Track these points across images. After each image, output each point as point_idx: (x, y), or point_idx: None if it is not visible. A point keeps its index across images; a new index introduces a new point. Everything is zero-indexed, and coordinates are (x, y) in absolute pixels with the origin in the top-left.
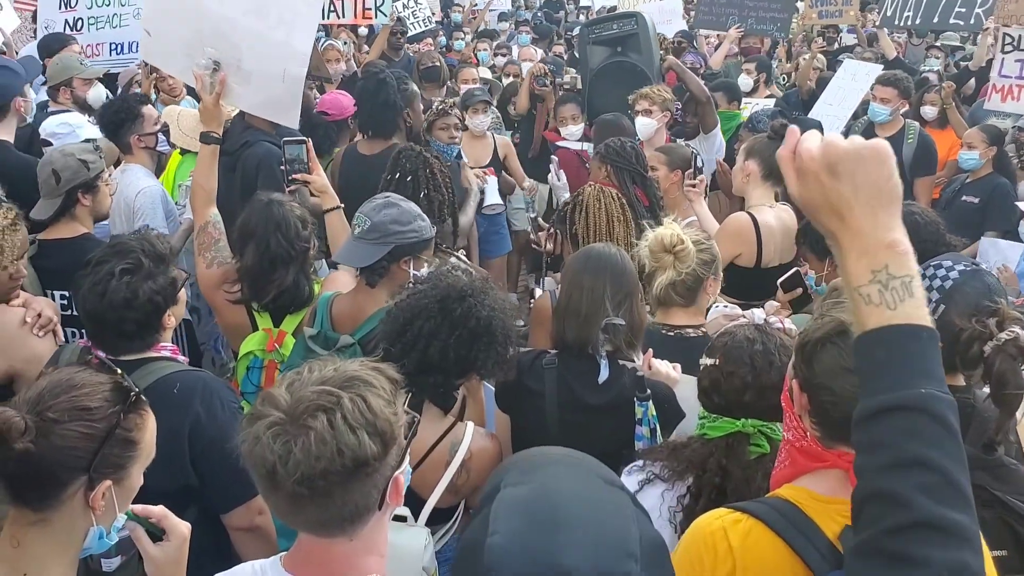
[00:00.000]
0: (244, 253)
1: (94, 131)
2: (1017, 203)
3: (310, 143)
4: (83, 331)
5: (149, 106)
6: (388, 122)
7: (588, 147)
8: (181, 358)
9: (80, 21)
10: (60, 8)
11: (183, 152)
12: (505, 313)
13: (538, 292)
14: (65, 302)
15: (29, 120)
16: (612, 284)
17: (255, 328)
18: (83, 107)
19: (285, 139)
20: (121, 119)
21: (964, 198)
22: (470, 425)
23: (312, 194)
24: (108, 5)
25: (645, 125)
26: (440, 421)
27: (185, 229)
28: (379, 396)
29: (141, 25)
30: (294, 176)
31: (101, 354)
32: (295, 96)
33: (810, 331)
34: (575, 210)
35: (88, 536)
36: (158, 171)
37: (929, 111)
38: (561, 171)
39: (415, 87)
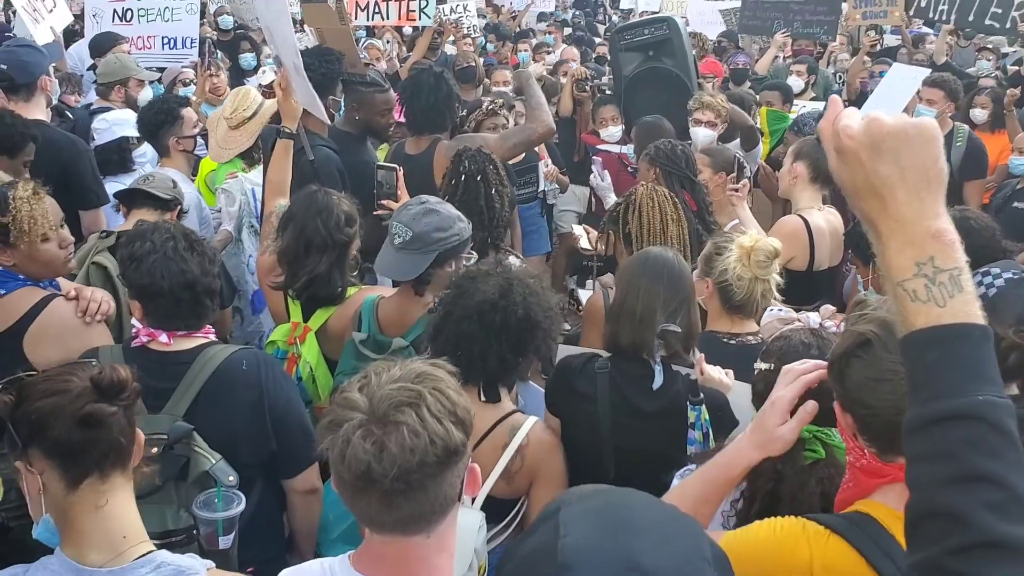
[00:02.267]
0: (284, 236)
1: (132, 129)
2: None
3: (401, 172)
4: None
5: (189, 108)
6: (443, 116)
7: (627, 150)
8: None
9: (129, 11)
10: None
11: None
12: (537, 294)
13: (583, 295)
14: None
15: (54, 100)
16: (669, 289)
17: (289, 317)
18: (133, 107)
19: (378, 164)
20: (161, 120)
21: (1015, 204)
22: (532, 417)
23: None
24: None
25: (704, 136)
26: (498, 407)
27: (222, 239)
28: (451, 387)
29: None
30: (381, 201)
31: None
32: (308, 88)
33: (835, 349)
34: (628, 210)
35: None
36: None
37: (979, 114)
38: (605, 171)
39: (456, 87)
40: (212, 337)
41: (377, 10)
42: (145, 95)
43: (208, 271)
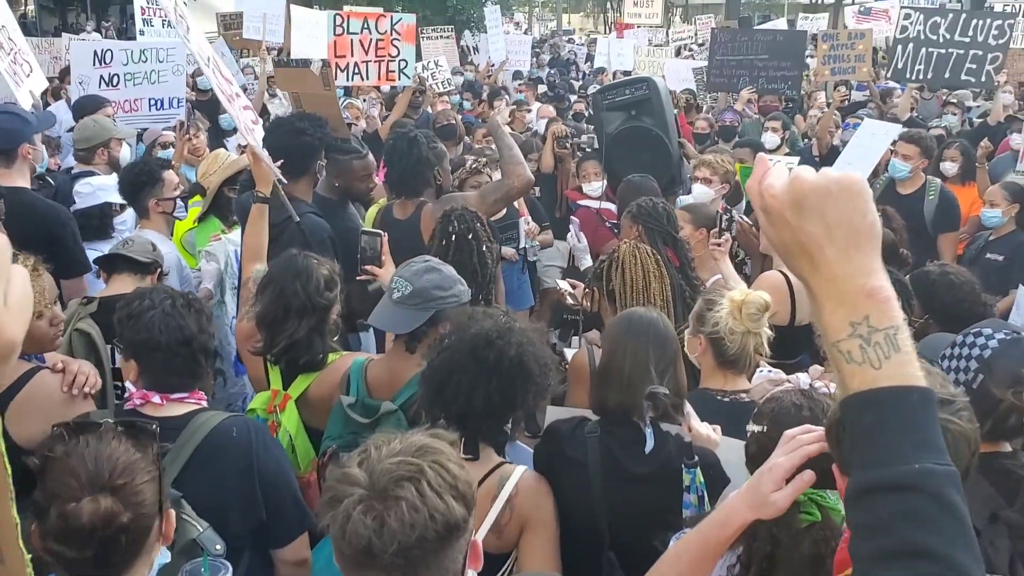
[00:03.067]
0: (262, 300)
1: (116, 195)
2: None
3: (385, 237)
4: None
5: (170, 171)
6: (421, 179)
7: (608, 205)
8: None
9: (116, 77)
10: (95, 64)
11: (200, 219)
12: (535, 345)
13: (568, 352)
14: None
15: (42, 168)
16: (656, 349)
17: (269, 384)
18: (116, 167)
19: (362, 229)
20: (142, 182)
21: (988, 256)
22: (520, 467)
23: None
24: (145, 61)
25: (703, 192)
26: (488, 459)
27: (202, 297)
28: (452, 460)
29: None
30: (364, 267)
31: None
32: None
33: (832, 412)
34: (611, 267)
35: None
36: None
37: (949, 167)
38: (581, 233)
39: (443, 146)
40: (204, 403)
41: (357, 71)
42: (124, 154)
43: (204, 329)
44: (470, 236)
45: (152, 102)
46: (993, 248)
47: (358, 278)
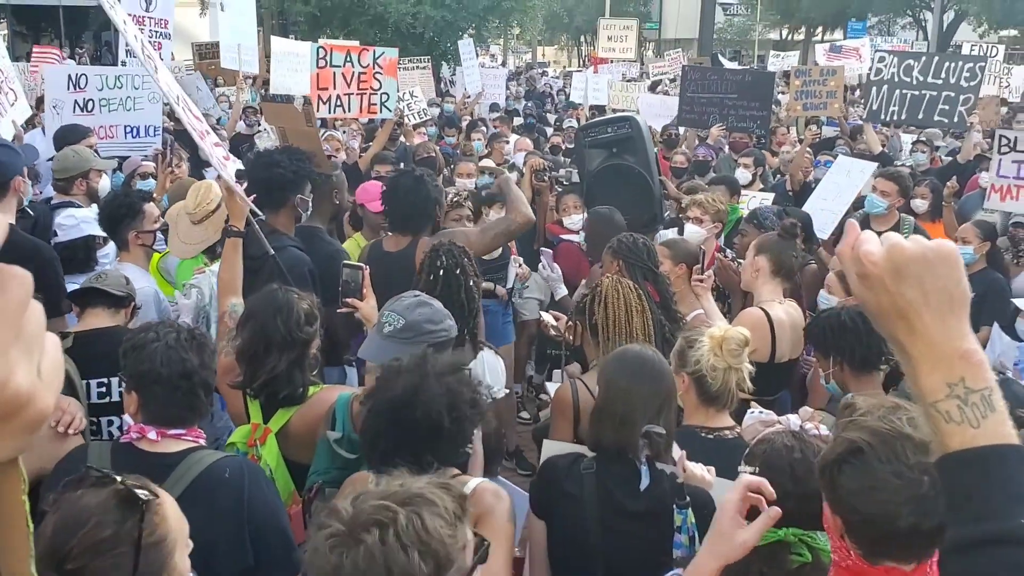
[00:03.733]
0: (243, 334)
1: (99, 228)
2: (1013, 300)
3: (367, 270)
4: (120, 418)
5: (151, 204)
6: (427, 217)
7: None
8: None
9: (91, 102)
10: (69, 88)
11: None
12: (453, 398)
13: (550, 387)
14: (103, 389)
15: (26, 201)
16: (651, 387)
17: (249, 418)
18: (95, 198)
19: (344, 263)
20: (122, 214)
21: None
22: (475, 480)
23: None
24: (120, 88)
25: (694, 233)
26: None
27: None
28: (439, 516)
29: None
30: (345, 300)
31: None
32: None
33: (827, 453)
34: (593, 301)
35: None
36: None
37: (920, 204)
38: (555, 264)
39: (439, 183)
40: (201, 442)
41: (339, 103)
42: (104, 185)
43: (206, 364)
44: (458, 271)
45: (128, 129)
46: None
47: (338, 310)
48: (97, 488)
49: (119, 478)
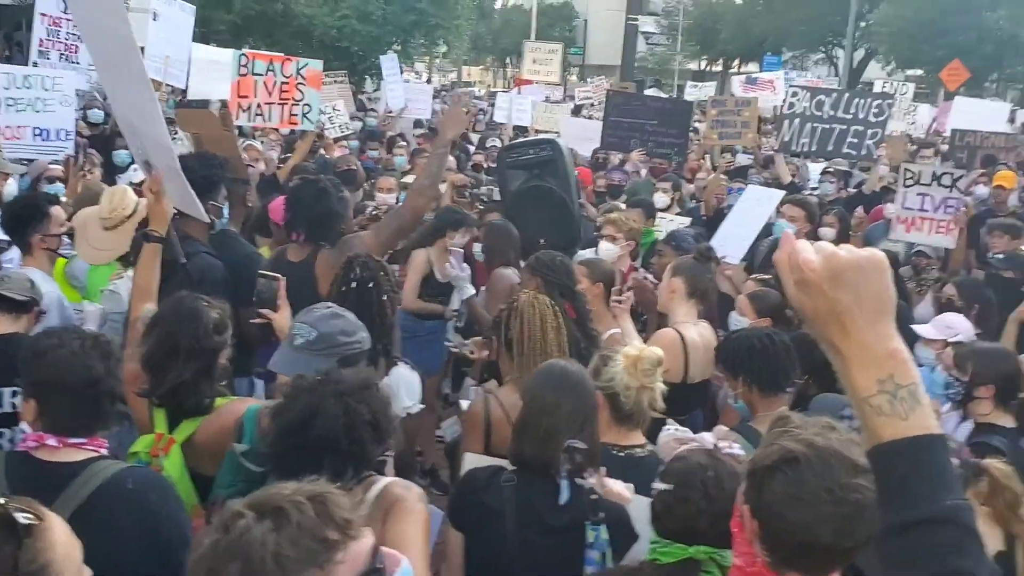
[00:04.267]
0: (148, 341)
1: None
2: (913, 327)
3: (283, 281)
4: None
5: (58, 207)
6: (329, 230)
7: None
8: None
9: None
10: None
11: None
12: (350, 419)
13: (463, 403)
14: None
15: None
16: (575, 403)
17: (153, 427)
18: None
19: (260, 271)
20: (28, 216)
21: None
22: (385, 479)
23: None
24: (30, 88)
25: (608, 250)
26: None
27: None
28: (287, 532)
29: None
30: (260, 311)
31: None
32: (187, 189)
33: (759, 458)
34: (510, 316)
35: None
36: None
37: (827, 232)
38: (464, 264)
39: (347, 193)
40: (104, 451)
41: (259, 112)
42: (10, 190)
43: (113, 373)
44: (370, 285)
45: (36, 132)
46: None
47: (252, 321)
48: None
49: (2, 500)
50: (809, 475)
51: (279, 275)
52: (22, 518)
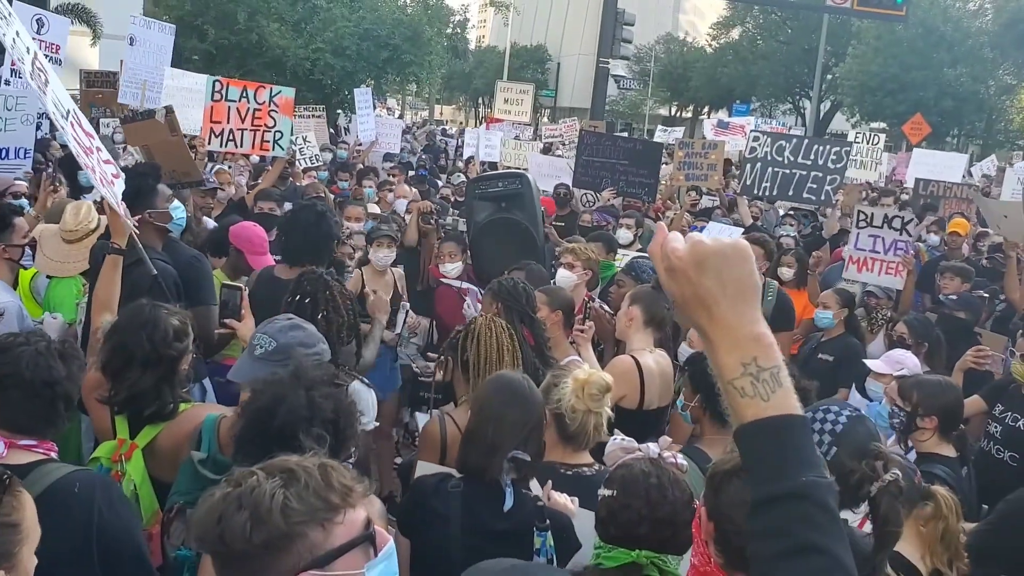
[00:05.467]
0: (105, 348)
1: None
2: (865, 360)
3: (245, 292)
4: None
5: (22, 218)
6: (323, 252)
7: (469, 286)
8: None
9: None
10: None
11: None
12: (313, 407)
13: (420, 419)
14: None
15: None
16: (521, 415)
17: (115, 434)
18: None
19: (223, 283)
20: None
21: (820, 356)
22: None
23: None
24: None
25: (566, 278)
26: None
27: None
28: (296, 490)
29: None
30: (224, 320)
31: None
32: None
33: (720, 463)
34: (467, 338)
35: None
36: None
37: (786, 272)
38: (478, 303)
39: (339, 221)
40: (53, 455)
41: (231, 137)
42: None
43: (73, 378)
44: (307, 300)
45: None
46: (824, 349)
47: (217, 331)
48: None
49: None
50: None
51: (241, 284)
52: (4, 474)
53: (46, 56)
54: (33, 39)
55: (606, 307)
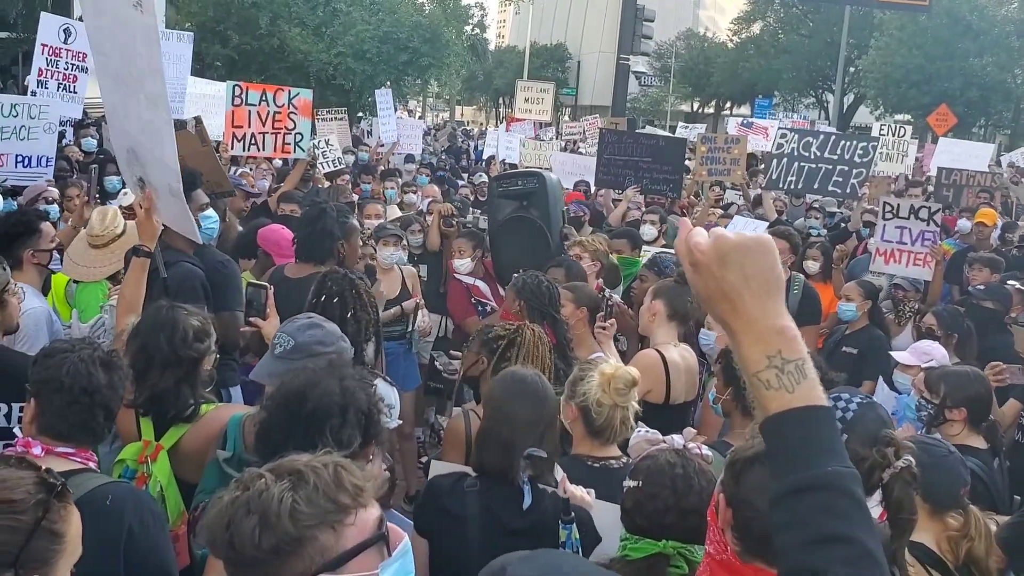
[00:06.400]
0: (128, 352)
1: None
2: (891, 353)
3: (271, 290)
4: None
5: (48, 223)
6: (324, 249)
7: (480, 284)
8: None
9: None
10: None
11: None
12: (347, 393)
13: (443, 420)
14: None
15: None
16: (534, 413)
17: (140, 436)
18: None
19: (249, 282)
20: (18, 232)
21: (843, 348)
22: None
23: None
24: (16, 116)
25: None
26: None
27: None
28: (305, 492)
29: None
30: (249, 319)
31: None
32: (184, 210)
33: (741, 449)
34: (510, 347)
35: None
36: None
37: (812, 265)
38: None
39: (355, 222)
40: (91, 465)
41: (254, 141)
42: None
43: (114, 387)
44: (335, 300)
45: (19, 159)
46: (848, 342)
47: (242, 329)
48: (17, 467)
49: (43, 466)
50: None
51: (266, 284)
52: (58, 483)
53: (74, 64)
54: (60, 48)
55: (618, 300)
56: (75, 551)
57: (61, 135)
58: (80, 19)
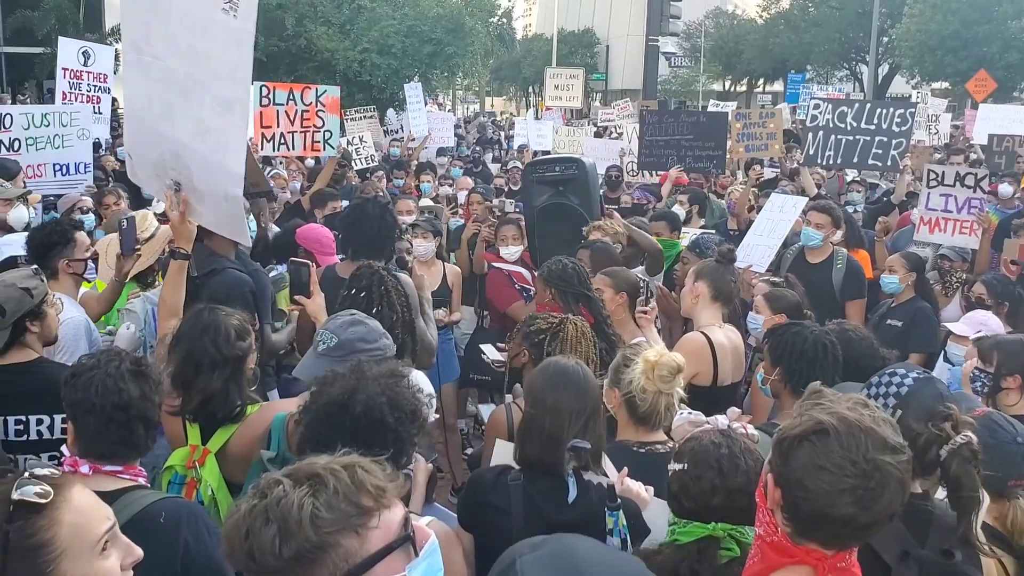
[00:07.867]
0: (173, 359)
1: (20, 248)
2: (945, 324)
3: (313, 267)
4: (35, 456)
5: (82, 232)
6: (383, 245)
7: (521, 270)
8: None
9: (17, 142)
10: None
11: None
12: (388, 393)
13: (484, 411)
14: (20, 427)
15: None
16: (577, 404)
17: (188, 441)
18: (3, 228)
19: (291, 259)
20: (53, 242)
21: (889, 321)
22: (426, 517)
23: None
24: (48, 126)
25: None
26: None
27: None
28: (325, 498)
29: (125, 149)
30: (295, 296)
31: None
32: (239, 214)
33: (788, 428)
34: (553, 340)
35: None
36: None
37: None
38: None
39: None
40: (141, 480)
41: (283, 141)
42: (18, 214)
43: (148, 397)
44: (363, 295)
45: (57, 167)
46: (894, 315)
47: (288, 308)
48: None
49: (27, 472)
50: (835, 446)
51: (308, 261)
52: (25, 495)
53: (95, 86)
54: (81, 70)
55: (658, 284)
56: (85, 535)
57: (96, 146)
58: (110, 33)
